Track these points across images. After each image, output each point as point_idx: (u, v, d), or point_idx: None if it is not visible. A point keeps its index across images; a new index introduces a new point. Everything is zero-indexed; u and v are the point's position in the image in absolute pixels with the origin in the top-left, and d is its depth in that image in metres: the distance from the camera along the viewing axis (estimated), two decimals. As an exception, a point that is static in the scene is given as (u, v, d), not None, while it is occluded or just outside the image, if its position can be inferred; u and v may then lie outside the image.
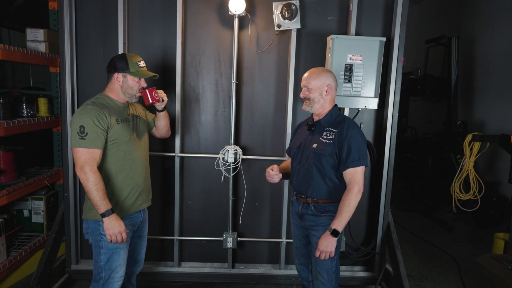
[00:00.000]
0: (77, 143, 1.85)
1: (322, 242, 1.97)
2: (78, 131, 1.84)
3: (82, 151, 1.85)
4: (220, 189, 2.95)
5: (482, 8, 5.47)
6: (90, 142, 1.85)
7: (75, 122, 1.86)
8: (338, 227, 1.94)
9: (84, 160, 1.84)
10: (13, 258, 2.78)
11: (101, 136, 1.88)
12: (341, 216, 1.94)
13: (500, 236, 3.66)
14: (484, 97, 5.35)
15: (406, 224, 4.67)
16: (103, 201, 1.86)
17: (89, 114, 1.87)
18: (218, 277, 3.02)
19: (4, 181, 2.84)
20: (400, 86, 2.81)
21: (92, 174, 1.84)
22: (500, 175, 4.84)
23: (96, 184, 1.84)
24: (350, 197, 1.94)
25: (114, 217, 1.89)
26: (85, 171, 1.84)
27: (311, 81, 2.05)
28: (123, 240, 1.94)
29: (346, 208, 1.94)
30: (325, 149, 2.00)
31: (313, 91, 2.04)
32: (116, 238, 1.91)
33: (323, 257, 1.98)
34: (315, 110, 2.08)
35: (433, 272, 3.46)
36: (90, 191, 1.84)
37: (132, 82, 2.02)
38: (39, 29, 3.14)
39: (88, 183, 1.84)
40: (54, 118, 3.24)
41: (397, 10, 2.73)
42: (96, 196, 1.84)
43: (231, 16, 2.69)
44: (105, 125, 1.90)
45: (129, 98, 2.06)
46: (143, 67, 2.07)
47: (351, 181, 1.97)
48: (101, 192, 1.85)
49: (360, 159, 1.96)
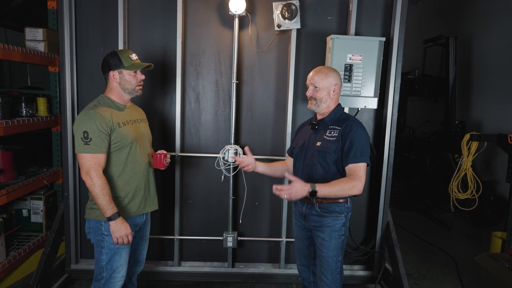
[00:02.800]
0: (82, 149, 1.85)
1: (297, 186, 1.78)
2: (82, 136, 1.84)
3: (87, 157, 1.85)
4: (220, 189, 2.95)
5: (480, 8, 5.50)
6: (94, 147, 1.85)
7: (79, 128, 1.86)
8: (320, 190, 1.80)
9: (90, 165, 1.85)
10: (12, 258, 2.77)
11: (104, 140, 1.88)
12: (330, 186, 1.83)
13: (498, 235, 3.68)
14: (482, 96, 5.37)
15: (404, 223, 4.69)
16: (109, 205, 1.87)
17: (91, 119, 1.86)
18: (218, 277, 3.02)
19: (3, 180, 2.83)
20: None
21: (98, 179, 1.85)
22: (497, 175, 4.87)
23: (103, 189, 1.85)
24: (347, 182, 1.85)
25: (120, 221, 1.91)
26: (91, 176, 1.85)
27: (319, 81, 2.02)
28: (129, 241, 1.96)
29: (338, 185, 1.84)
30: (329, 146, 1.98)
31: (320, 91, 2.02)
32: (123, 240, 1.93)
33: (282, 194, 1.77)
34: (321, 109, 2.06)
35: (432, 271, 3.48)
36: (97, 195, 1.85)
37: (129, 76, 2.00)
38: (38, 29, 3.13)
39: (95, 188, 1.85)
40: (53, 118, 3.23)
41: (397, 10, 2.74)
42: (103, 200, 1.85)
43: (231, 16, 2.70)
44: (108, 129, 1.90)
45: (130, 93, 2.04)
46: (136, 59, 2.04)
47: (353, 174, 1.89)
48: (107, 196, 1.86)
49: (362, 156, 1.91)
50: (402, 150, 5.87)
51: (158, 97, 2.85)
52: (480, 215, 4.57)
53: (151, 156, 2.20)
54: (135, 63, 2.02)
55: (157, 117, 2.84)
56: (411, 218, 5.00)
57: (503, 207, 4.48)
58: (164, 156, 2.17)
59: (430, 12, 6.87)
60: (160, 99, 2.85)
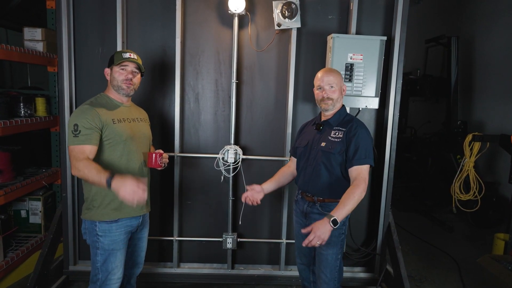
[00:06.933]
0: (71, 141, 1.85)
1: (319, 227, 1.79)
2: (72, 129, 1.85)
3: (74, 148, 1.84)
4: (220, 189, 2.93)
5: (482, 8, 5.47)
6: (82, 139, 1.84)
7: (71, 122, 1.88)
8: (339, 216, 1.83)
9: (74, 156, 1.83)
10: (10, 259, 2.76)
11: (93, 134, 1.86)
12: (344, 207, 1.85)
13: (500, 236, 3.65)
14: (484, 97, 5.34)
15: (406, 224, 4.66)
16: (100, 174, 1.76)
17: (83, 113, 1.88)
18: (218, 278, 2.99)
19: (1, 181, 2.82)
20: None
21: (78, 162, 1.80)
22: (500, 176, 4.83)
23: (87, 166, 1.79)
24: (355, 191, 1.88)
25: (117, 179, 1.72)
26: (73, 164, 1.82)
27: (335, 81, 2.05)
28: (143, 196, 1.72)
29: (350, 200, 1.86)
30: (334, 147, 2.00)
31: (337, 91, 2.06)
32: (133, 196, 1.68)
33: (314, 242, 1.78)
34: (335, 109, 2.10)
35: (433, 273, 3.45)
36: (86, 176, 1.80)
37: (116, 73, 2.01)
38: (36, 28, 3.12)
39: (79, 172, 1.81)
40: (52, 118, 3.22)
41: (398, 9, 2.71)
42: (93, 175, 1.77)
43: (230, 15, 2.68)
44: (100, 123, 1.89)
45: (117, 90, 2.03)
46: (128, 57, 2.02)
47: (358, 178, 1.92)
48: (93, 170, 1.78)
49: (366, 158, 1.95)
50: (403, 151, 5.84)
51: (157, 97, 2.83)
52: (482, 216, 4.53)
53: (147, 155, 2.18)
54: (123, 58, 2.01)
55: (156, 117, 2.82)
56: (412, 220, 4.97)
57: (506, 208, 4.45)
58: (159, 155, 2.09)
59: (431, 12, 6.84)
60: (159, 99, 2.83)
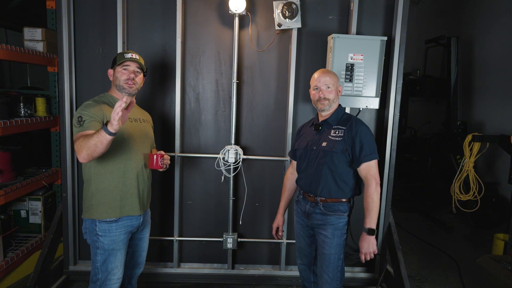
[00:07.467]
0: (76, 131, 1.85)
1: (363, 245, 1.99)
2: (76, 121, 1.85)
3: (78, 136, 1.81)
4: (220, 190, 2.93)
5: (481, 9, 5.48)
6: (85, 126, 1.82)
7: (75, 116, 1.89)
8: (372, 224, 1.97)
9: (77, 143, 1.78)
10: (10, 259, 2.75)
11: (96, 122, 1.85)
12: (371, 213, 1.98)
13: (500, 237, 3.65)
14: (484, 97, 5.35)
15: (406, 224, 4.66)
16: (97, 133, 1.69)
17: (87, 107, 1.91)
18: (218, 278, 2.99)
19: (1, 181, 2.81)
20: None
21: (77, 142, 1.75)
22: (499, 176, 4.84)
23: (84, 139, 1.71)
24: (371, 192, 1.98)
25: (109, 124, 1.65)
26: (76, 149, 1.75)
27: (332, 81, 2.08)
28: (121, 110, 1.61)
29: (372, 204, 1.97)
30: (336, 146, 2.01)
31: (333, 91, 2.08)
32: (118, 113, 1.59)
33: (368, 257, 2.01)
34: (332, 109, 2.11)
35: (433, 273, 3.45)
36: (88, 145, 1.69)
37: (118, 72, 2.02)
38: (36, 28, 3.11)
39: (81, 148, 1.71)
40: (52, 118, 3.22)
41: (398, 9, 2.71)
42: (93, 140, 1.68)
43: (231, 15, 2.68)
44: (102, 117, 1.89)
45: (120, 90, 2.02)
46: (129, 57, 2.02)
47: (368, 176, 1.99)
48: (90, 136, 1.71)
49: (372, 153, 2.00)
50: (403, 151, 5.84)
51: (158, 97, 2.83)
52: (482, 216, 4.54)
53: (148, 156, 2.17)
54: (125, 58, 2.02)
55: (157, 117, 2.81)
56: (412, 220, 4.97)
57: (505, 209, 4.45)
58: (160, 157, 2.07)
59: (431, 12, 6.84)
60: (160, 99, 2.83)
